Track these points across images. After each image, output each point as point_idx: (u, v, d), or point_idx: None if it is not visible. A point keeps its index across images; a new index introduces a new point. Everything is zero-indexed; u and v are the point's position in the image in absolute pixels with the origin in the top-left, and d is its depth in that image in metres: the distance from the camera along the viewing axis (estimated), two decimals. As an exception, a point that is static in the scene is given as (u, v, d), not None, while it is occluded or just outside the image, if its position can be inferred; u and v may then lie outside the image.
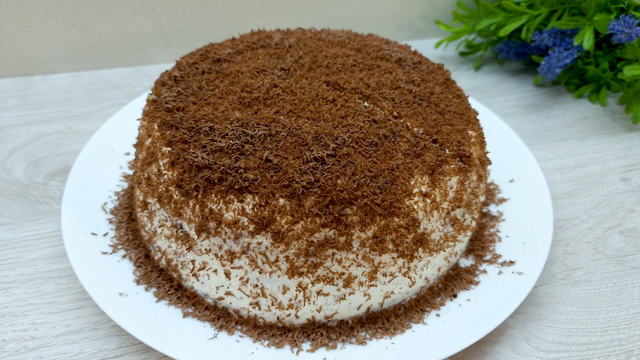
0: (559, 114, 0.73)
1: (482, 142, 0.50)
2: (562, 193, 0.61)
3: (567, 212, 0.59)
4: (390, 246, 0.42)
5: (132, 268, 0.48)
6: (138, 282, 0.47)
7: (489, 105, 0.73)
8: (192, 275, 0.45)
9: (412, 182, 0.42)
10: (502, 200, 0.57)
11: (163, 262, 0.48)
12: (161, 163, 0.44)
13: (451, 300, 0.47)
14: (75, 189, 0.53)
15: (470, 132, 0.48)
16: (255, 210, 0.40)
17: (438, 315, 0.46)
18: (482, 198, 0.52)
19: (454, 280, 0.49)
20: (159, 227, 0.46)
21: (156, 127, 0.45)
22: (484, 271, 0.50)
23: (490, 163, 0.52)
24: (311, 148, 0.42)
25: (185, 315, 0.45)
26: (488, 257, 0.51)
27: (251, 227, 0.40)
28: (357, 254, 0.41)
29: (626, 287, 0.51)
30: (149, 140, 0.46)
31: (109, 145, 0.59)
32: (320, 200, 0.40)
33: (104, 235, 0.50)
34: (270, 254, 0.41)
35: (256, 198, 0.40)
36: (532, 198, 0.55)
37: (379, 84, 0.51)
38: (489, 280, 0.49)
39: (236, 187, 0.40)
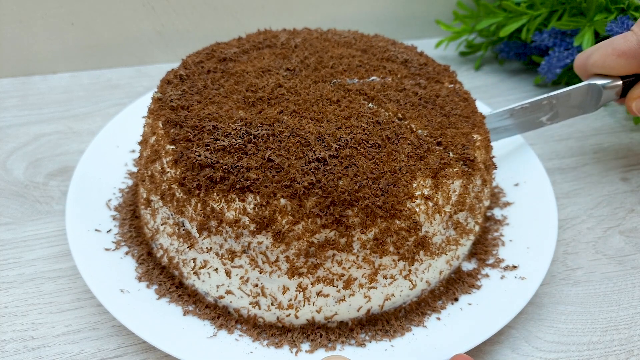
0: (559, 114, 0.73)
1: (487, 146, 0.49)
2: (562, 193, 0.61)
3: (567, 212, 0.59)
4: (391, 248, 0.42)
5: (135, 265, 0.48)
6: (140, 279, 0.47)
7: (489, 105, 0.73)
8: (193, 273, 0.45)
9: (415, 185, 0.42)
10: (507, 204, 0.57)
11: (165, 259, 0.48)
12: (165, 161, 0.44)
13: (452, 303, 0.47)
14: (80, 186, 0.53)
15: (475, 136, 0.48)
16: (257, 209, 0.40)
17: (439, 318, 0.46)
18: (486, 202, 0.51)
19: (456, 284, 0.49)
20: (162, 224, 0.46)
21: (160, 125, 0.45)
22: (487, 275, 0.49)
23: (495, 168, 0.52)
24: (313, 149, 0.42)
25: (185, 313, 0.45)
26: (491, 261, 0.51)
27: (252, 227, 0.40)
28: (358, 256, 0.41)
29: (626, 287, 0.51)
30: (153, 138, 0.46)
31: (115, 143, 0.59)
32: (322, 201, 0.40)
33: (108, 231, 0.50)
34: (270, 253, 0.41)
35: (257, 198, 0.40)
36: (536, 202, 0.55)
37: (384, 85, 0.51)
38: (491, 285, 0.48)
39: (238, 186, 0.40)
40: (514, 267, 0.49)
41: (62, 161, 0.61)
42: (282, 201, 0.40)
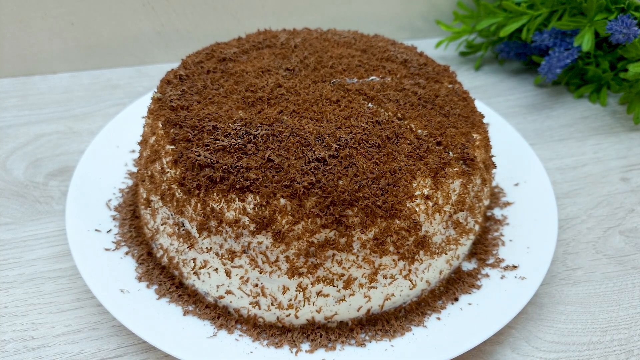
0: (559, 113, 0.73)
1: (487, 146, 0.49)
2: (562, 193, 0.61)
3: (567, 212, 0.59)
4: (391, 248, 0.42)
5: (135, 265, 0.48)
6: (140, 279, 0.47)
7: (489, 105, 0.73)
8: (193, 273, 0.45)
9: (414, 185, 0.42)
10: (507, 203, 0.56)
11: (165, 259, 0.48)
12: (164, 161, 0.44)
13: (452, 303, 0.47)
14: (80, 186, 0.53)
15: (474, 136, 0.48)
16: (257, 209, 0.40)
17: (439, 318, 0.46)
18: (486, 202, 0.52)
19: (456, 284, 0.49)
20: (162, 224, 0.46)
21: (160, 125, 0.46)
22: (487, 275, 0.49)
23: (495, 167, 0.52)
24: (313, 149, 0.42)
25: (185, 313, 0.45)
26: (491, 260, 0.51)
27: (252, 227, 0.40)
28: (358, 256, 0.41)
29: (626, 287, 0.51)
30: (153, 138, 0.46)
31: (115, 143, 0.59)
32: (321, 201, 0.40)
33: (108, 232, 0.50)
34: (270, 253, 0.41)
35: (257, 198, 0.40)
36: (536, 202, 0.55)
37: (384, 85, 0.51)
38: (491, 285, 0.48)
39: (237, 186, 0.40)
40: (514, 267, 0.49)
41: (62, 161, 0.61)
42: (282, 201, 0.40)
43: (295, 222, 0.40)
